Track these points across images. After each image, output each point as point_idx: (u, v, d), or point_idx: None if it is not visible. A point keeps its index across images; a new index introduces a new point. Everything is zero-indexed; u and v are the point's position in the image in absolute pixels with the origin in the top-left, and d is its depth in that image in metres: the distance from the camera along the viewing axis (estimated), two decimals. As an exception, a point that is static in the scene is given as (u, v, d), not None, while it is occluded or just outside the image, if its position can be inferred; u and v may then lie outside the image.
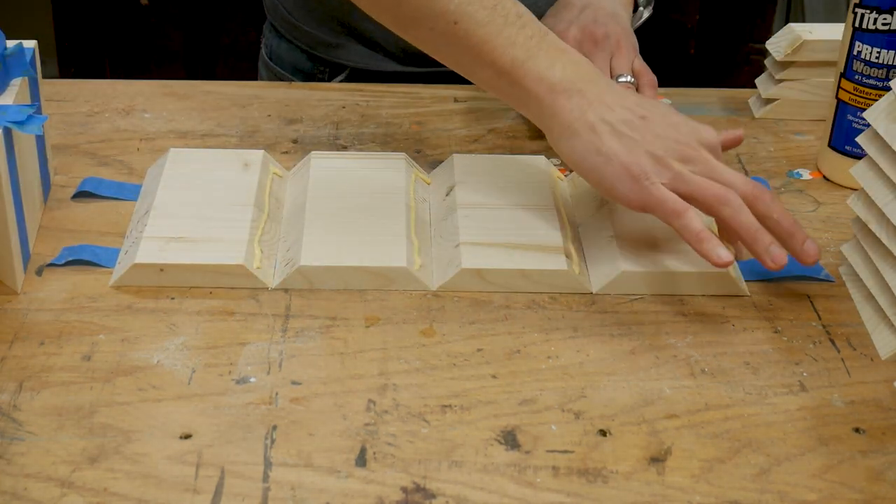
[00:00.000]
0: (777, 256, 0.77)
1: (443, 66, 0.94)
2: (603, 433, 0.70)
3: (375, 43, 1.16)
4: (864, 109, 0.87)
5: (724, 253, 0.77)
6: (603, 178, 0.80)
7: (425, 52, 0.87)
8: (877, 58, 0.93)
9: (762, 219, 0.79)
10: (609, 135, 0.80)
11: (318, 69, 1.18)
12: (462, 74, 0.87)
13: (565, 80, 0.82)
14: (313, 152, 0.93)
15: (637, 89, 0.99)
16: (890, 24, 0.92)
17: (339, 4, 1.14)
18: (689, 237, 0.78)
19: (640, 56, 1.01)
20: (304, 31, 1.18)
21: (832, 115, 0.98)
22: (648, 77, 1.00)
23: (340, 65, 1.15)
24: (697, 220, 0.78)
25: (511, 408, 0.71)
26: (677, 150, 0.80)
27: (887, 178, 0.80)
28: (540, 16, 1.08)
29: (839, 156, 0.97)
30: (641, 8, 1.08)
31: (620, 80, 0.98)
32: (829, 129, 0.98)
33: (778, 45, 1.06)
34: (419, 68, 1.15)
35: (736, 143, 0.87)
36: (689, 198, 0.79)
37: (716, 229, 0.82)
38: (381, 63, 1.08)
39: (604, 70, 0.98)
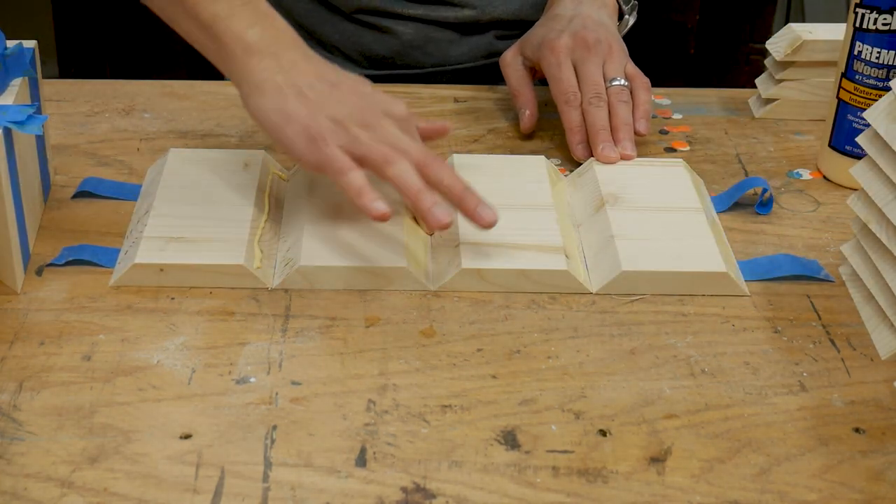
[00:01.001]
0: (440, 215, 0.79)
1: (406, 70, 0.95)
2: (603, 433, 0.70)
3: (334, 46, 1.17)
4: (865, 109, 0.87)
5: (381, 205, 0.79)
6: (283, 137, 0.82)
7: (142, 2, 0.89)
8: (877, 58, 0.93)
9: (434, 184, 0.81)
10: (294, 97, 0.82)
11: None
12: (169, 25, 0.88)
13: (262, 42, 0.84)
14: (313, 152, 0.93)
15: (631, 92, 0.98)
16: (890, 24, 0.92)
17: (296, 7, 1.15)
18: (352, 192, 0.80)
19: (631, 60, 1.01)
20: (301, 27, 1.18)
21: (832, 115, 0.98)
22: (641, 80, 0.99)
23: None
24: (360, 178, 0.80)
25: (511, 408, 0.71)
26: (358, 117, 0.82)
27: (887, 178, 0.80)
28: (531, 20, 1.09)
29: (839, 156, 0.97)
30: (627, 16, 1.08)
31: (614, 83, 0.98)
32: (830, 129, 0.98)
33: (778, 45, 1.06)
34: (380, 71, 1.16)
35: (441, 133, 0.90)
36: (361, 160, 0.81)
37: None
38: (342, 67, 1.09)
39: (596, 73, 0.98)
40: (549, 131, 1.04)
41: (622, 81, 0.98)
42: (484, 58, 1.19)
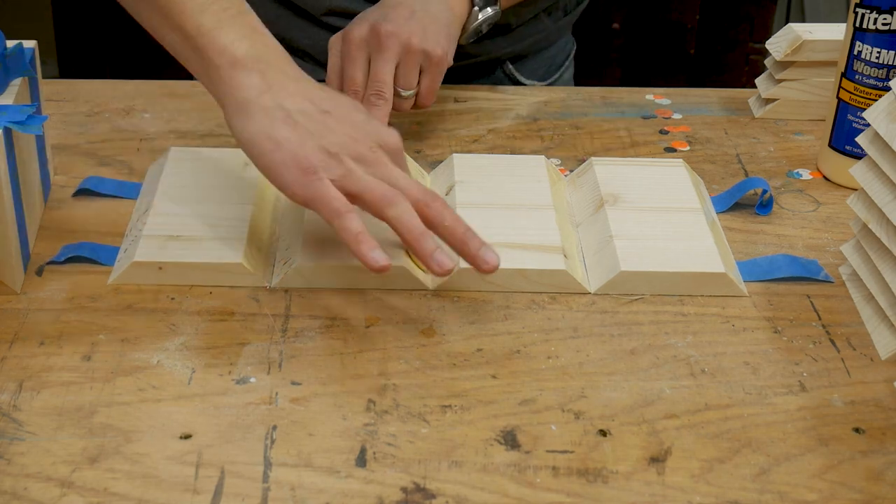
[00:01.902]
0: (442, 262, 0.76)
1: None
2: (603, 433, 0.70)
3: (304, 52, 1.14)
4: (865, 109, 0.87)
5: (379, 255, 0.74)
6: (270, 166, 0.77)
7: (124, 7, 0.85)
8: (877, 58, 0.93)
9: (434, 226, 0.77)
10: (283, 122, 0.77)
11: None
12: (154, 37, 0.84)
13: (249, 58, 0.79)
14: (313, 152, 0.93)
15: (417, 95, 0.96)
16: (890, 24, 0.92)
17: (266, 13, 1.13)
18: (348, 238, 0.75)
19: (437, 66, 0.97)
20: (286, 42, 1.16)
21: (832, 115, 0.98)
22: (428, 90, 0.96)
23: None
24: (356, 222, 0.75)
25: (511, 408, 0.71)
26: (353, 149, 0.78)
27: (887, 178, 0.80)
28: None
29: (839, 156, 0.97)
30: (477, 9, 1.03)
31: (404, 94, 0.96)
32: (830, 129, 0.98)
33: (778, 45, 1.06)
34: None
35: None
36: (356, 197, 0.77)
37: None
38: (311, 74, 1.07)
39: (384, 71, 0.94)
40: (549, 131, 1.04)
41: (410, 93, 0.96)
42: (460, 59, 1.17)
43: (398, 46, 0.95)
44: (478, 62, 1.17)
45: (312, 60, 1.14)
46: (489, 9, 1.03)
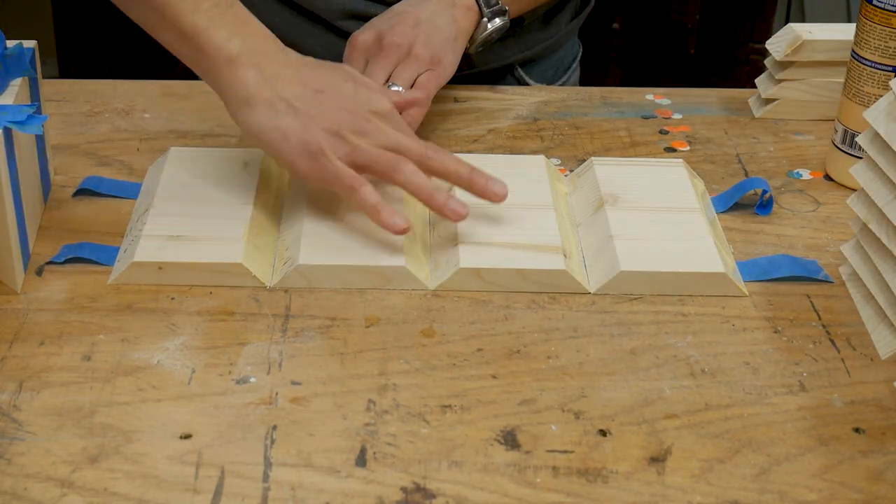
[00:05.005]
0: (456, 209, 0.81)
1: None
2: (603, 433, 0.70)
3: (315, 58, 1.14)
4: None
5: (400, 219, 0.80)
6: (282, 154, 0.82)
7: (118, 7, 0.87)
8: None
9: (440, 174, 0.83)
10: (285, 111, 0.82)
11: None
12: (150, 34, 0.86)
13: (243, 54, 0.82)
14: (313, 152, 0.93)
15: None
16: None
17: (277, 20, 1.13)
18: (367, 209, 0.81)
19: (440, 69, 0.98)
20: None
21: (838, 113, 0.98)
22: (423, 93, 0.96)
23: None
24: (373, 194, 0.81)
25: (511, 408, 0.71)
26: (351, 123, 0.82)
27: (887, 178, 0.80)
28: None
29: (846, 156, 0.97)
30: (485, 19, 1.04)
31: (392, 87, 0.96)
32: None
33: (778, 45, 1.06)
34: None
35: (413, 103, 0.90)
36: (365, 169, 0.82)
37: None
38: None
39: (378, 75, 0.96)
40: (549, 131, 1.04)
41: (399, 88, 0.96)
42: (470, 67, 1.17)
43: (398, 55, 0.98)
44: (490, 69, 1.17)
45: None
46: (498, 20, 1.05)
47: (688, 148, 1.02)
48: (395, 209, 0.81)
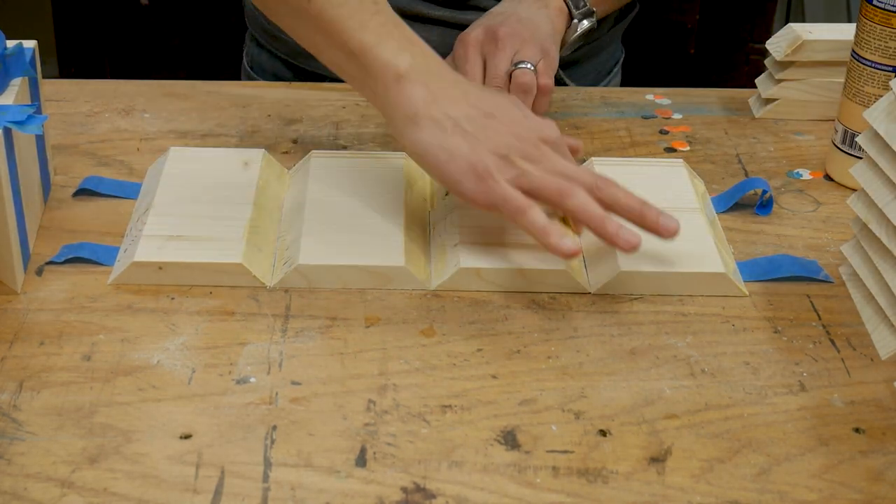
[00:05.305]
0: (630, 239, 0.79)
1: None
2: (603, 433, 0.70)
3: None
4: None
5: (570, 243, 0.78)
6: (448, 175, 0.80)
7: (281, 28, 0.88)
8: None
9: (610, 205, 0.80)
10: (453, 131, 0.80)
11: (298, 79, 1.17)
12: (314, 55, 0.87)
13: (412, 71, 0.82)
14: (313, 151, 0.94)
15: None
16: None
17: None
18: (536, 232, 0.78)
19: (549, 60, 1.00)
20: (282, 40, 1.17)
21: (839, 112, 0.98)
22: (541, 80, 0.98)
23: (320, 75, 1.14)
24: (542, 216, 0.79)
25: (511, 408, 0.71)
26: (520, 149, 0.81)
27: (887, 178, 0.80)
28: None
29: (846, 156, 0.97)
30: (576, 21, 1.06)
31: (519, 66, 0.97)
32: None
33: (778, 45, 1.06)
34: None
35: (575, 151, 0.88)
36: (533, 193, 0.80)
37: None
38: None
39: (499, 66, 0.97)
40: (549, 131, 1.04)
41: (528, 65, 0.97)
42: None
43: (513, 46, 0.98)
44: None
45: None
46: (586, 21, 1.06)
47: (688, 148, 1.02)
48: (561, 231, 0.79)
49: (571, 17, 1.06)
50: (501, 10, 1.04)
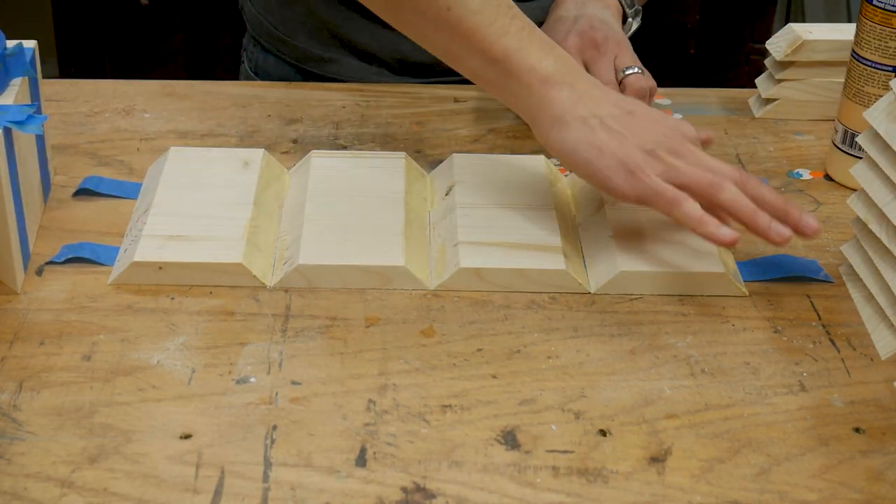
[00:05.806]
0: (782, 231, 0.79)
1: (446, 77, 0.93)
2: (603, 433, 0.70)
3: (370, 55, 1.14)
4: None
5: (728, 231, 0.79)
6: (597, 171, 0.81)
7: (411, 38, 0.88)
8: None
9: (756, 202, 0.81)
10: (600, 128, 0.82)
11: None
12: (448, 63, 0.87)
13: (556, 73, 0.83)
14: (313, 151, 0.94)
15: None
16: None
17: (333, 16, 1.13)
18: (692, 223, 0.79)
19: (639, 61, 1.02)
20: (292, 45, 1.16)
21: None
22: (649, 82, 1.00)
23: (332, 79, 1.14)
24: (697, 207, 0.79)
25: (511, 408, 0.71)
26: (665, 144, 0.82)
27: (887, 178, 0.80)
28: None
29: (846, 156, 0.97)
30: (630, 20, 1.08)
31: (628, 71, 0.98)
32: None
33: (778, 45, 1.06)
34: (414, 79, 1.14)
35: (706, 144, 0.88)
36: (683, 188, 0.80)
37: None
38: (374, 76, 1.05)
39: (608, 71, 0.99)
40: (549, 131, 1.04)
41: (636, 69, 0.99)
42: None
43: (612, 48, 1.00)
44: None
45: (379, 63, 1.14)
46: (636, 20, 1.08)
47: (688, 148, 1.02)
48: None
49: (626, 17, 1.08)
50: (576, 13, 1.04)
